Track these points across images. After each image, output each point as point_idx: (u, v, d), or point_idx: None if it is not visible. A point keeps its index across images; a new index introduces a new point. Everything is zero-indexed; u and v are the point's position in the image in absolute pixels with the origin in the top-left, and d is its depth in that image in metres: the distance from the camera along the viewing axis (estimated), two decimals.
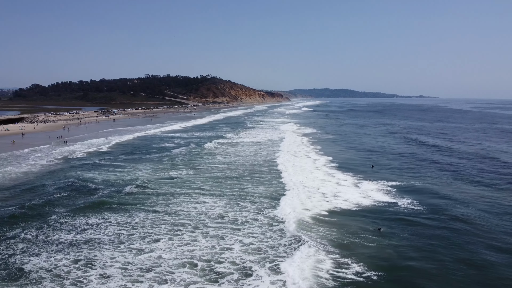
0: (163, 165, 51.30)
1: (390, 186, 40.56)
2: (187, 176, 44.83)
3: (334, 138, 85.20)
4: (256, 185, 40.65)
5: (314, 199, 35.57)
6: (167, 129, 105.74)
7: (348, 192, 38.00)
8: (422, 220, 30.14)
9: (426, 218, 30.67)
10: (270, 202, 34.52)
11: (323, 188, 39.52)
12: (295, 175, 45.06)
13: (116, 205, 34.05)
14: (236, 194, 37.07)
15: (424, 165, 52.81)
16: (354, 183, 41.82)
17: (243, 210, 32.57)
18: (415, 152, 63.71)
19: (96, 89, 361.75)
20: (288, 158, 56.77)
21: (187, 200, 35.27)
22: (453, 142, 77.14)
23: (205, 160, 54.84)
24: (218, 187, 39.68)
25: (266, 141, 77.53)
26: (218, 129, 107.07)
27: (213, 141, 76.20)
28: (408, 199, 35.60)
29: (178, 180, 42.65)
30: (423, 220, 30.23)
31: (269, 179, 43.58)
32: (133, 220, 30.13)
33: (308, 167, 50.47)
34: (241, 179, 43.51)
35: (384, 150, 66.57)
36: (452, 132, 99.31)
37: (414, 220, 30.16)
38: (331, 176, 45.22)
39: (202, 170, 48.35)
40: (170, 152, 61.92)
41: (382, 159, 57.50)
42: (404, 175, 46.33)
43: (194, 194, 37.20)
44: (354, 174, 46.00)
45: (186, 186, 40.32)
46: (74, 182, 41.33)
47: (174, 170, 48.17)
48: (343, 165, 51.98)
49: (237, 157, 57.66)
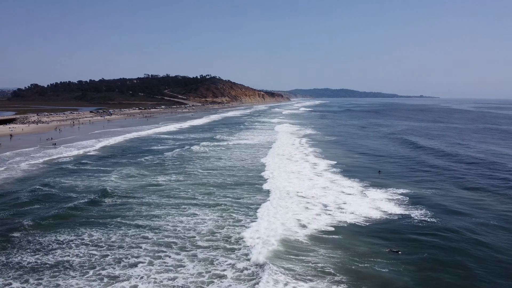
0: (152, 170, 47.56)
1: (400, 194, 36.74)
2: (177, 183, 41.09)
3: (334, 140, 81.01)
4: (253, 194, 36.92)
5: (312, 212, 31.52)
6: (162, 130, 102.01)
7: (354, 202, 34.08)
8: (441, 241, 26.03)
9: (444, 236, 26.75)
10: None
11: (324, 198, 35.44)
12: (292, 182, 41.38)
13: (93, 218, 30.34)
14: (229, 205, 33.32)
15: (433, 171, 48.77)
16: (361, 191, 37.93)
17: (236, 224, 28.84)
18: (420, 156, 59.82)
19: (95, 89, 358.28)
20: (285, 163, 53.00)
21: (174, 212, 31.52)
22: (458, 145, 73.19)
23: (197, 165, 51.07)
24: (210, 196, 35.93)
25: (265, 143, 73.75)
26: (214, 130, 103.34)
27: (208, 143, 72.59)
28: (421, 210, 31.90)
29: (166, 188, 38.89)
30: (441, 240, 26.21)
31: (265, 187, 39.78)
32: (110, 238, 26.38)
33: (307, 172, 46.58)
34: (236, 186, 39.76)
35: (388, 154, 62.73)
36: (457, 134, 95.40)
37: (431, 240, 26.07)
38: (333, 183, 41.33)
39: (194, 175, 44.63)
40: (161, 155, 58.16)
41: (387, 163, 53.77)
42: (413, 181, 42.71)
43: (183, 204, 33.47)
44: (360, 180, 42.18)
45: (174, 194, 36.56)
46: (51, 190, 37.62)
47: (163, 175, 44.45)
48: (347, 170, 48.19)
49: (232, 161, 53.92)
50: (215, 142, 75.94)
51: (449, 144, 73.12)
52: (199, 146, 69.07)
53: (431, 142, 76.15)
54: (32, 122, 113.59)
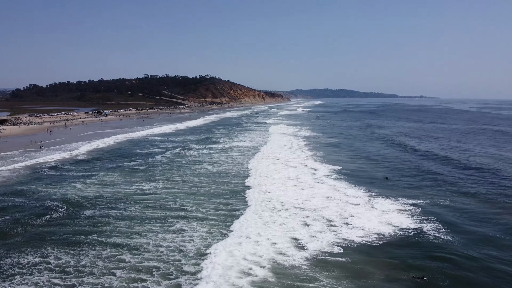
0: (138, 176, 43.82)
1: (411, 204, 33.05)
2: (164, 191, 37.32)
3: (333, 143, 76.43)
4: (245, 205, 33.09)
5: (312, 228, 27.53)
6: (156, 131, 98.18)
7: (362, 215, 30.25)
8: (463, 260, 22.60)
9: (464, 256, 23.18)
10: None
11: (326, 210, 31.44)
12: (288, 191, 37.56)
13: (66, 234, 26.65)
14: (220, 219, 29.51)
15: (440, 176, 44.70)
16: (368, 201, 34.11)
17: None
18: (424, 159, 55.89)
19: (94, 89, 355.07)
20: (280, 168, 49.21)
21: (158, 227, 27.79)
22: (463, 149, 69.34)
23: (188, 170, 47.23)
24: (200, 207, 32.15)
25: (262, 146, 69.88)
26: (211, 132, 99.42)
27: (203, 146, 68.89)
28: (435, 223, 28.42)
29: (152, 197, 35.12)
30: (463, 259, 22.75)
31: (264, 196, 35.98)
32: (80, 261, 22.69)
33: (307, 179, 42.57)
34: (229, 196, 35.97)
35: (388, 157, 58.82)
36: (460, 137, 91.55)
37: (456, 260, 22.59)
38: (337, 191, 37.41)
39: (183, 183, 40.79)
40: (150, 159, 54.41)
41: (390, 167, 49.89)
42: (421, 188, 39.20)
43: (169, 218, 29.77)
44: (367, 188, 38.31)
45: (160, 205, 32.81)
46: (23, 200, 34.05)
47: (150, 182, 40.71)
48: (350, 175, 44.35)
49: (226, 166, 50.07)
50: (210, 144, 72.19)
51: (453, 148, 69.02)
52: (192, 149, 65.36)
53: (434, 145, 72.27)
54: (23, 123, 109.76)
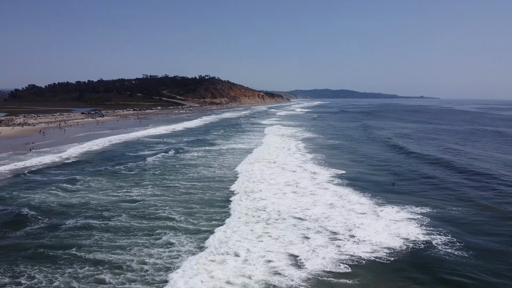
0: (128, 181, 41.20)
1: (419, 213, 30.53)
2: (154, 198, 34.70)
3: (332, 145, 73.39)
4: (247, 215, 30.55)
5: (314, 242, 24.73)
6: (152, 132, 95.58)
7: (369, 226, 27.63)
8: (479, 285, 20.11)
9: (479, 279, 20.70)
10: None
11: (328, 221, 28.63)
12: (286, 198, 34.96)
13: (43, 248, 24.15)
14: (213, 230, 26.88)
15: (448, 183, 41.81)
16: (374, 209, 31.50)
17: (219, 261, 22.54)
18: (430, 162, 53.14)
19: (93, 89, 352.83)
20: (278, 172, 46.67)
21: (145, 240, 25.31)
22: (468, 153, 66.81)
23: (181, 175, 44.51)
24: (191, 218, 29.55)
25: (260, 148, 67.35)
26: (208, 133, 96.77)
27: (199, 148, 66.37)
28: (447, 236, 25.87)
29: (140, 205, 32.53)
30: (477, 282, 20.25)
31: (263, 205, 33.43)
32: (53, 281, 20.43)
33: (307, 184, 39.78)
34: (225, 204, 33.33)
35: (391, 161, 56.14)
36: (464, 140, 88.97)
37: (470, 278, 20.13)
38: (340, 198, 34.71)
39: (174, 189, 38.07)
40: (143, 162, 51.78)
41: (395, 172, 47.27)
42: (428, 194, 36.71)
43: (157, 229, 27.25)
44: (372, 195, 35.66)
45: (148, 214, 30.23)
46: None
47: (139, 188, 38.10)
48: (354, 181, 41.59)
49: (222, 170, 47.39)
50: (206, 146, 69.64)
51: (458, 152, 66.18)
52: (187, 151, 62.83)
53: (439, 149, 69.58)
54: (17, 125, 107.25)
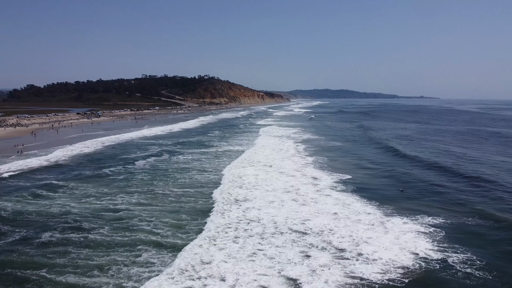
0: (114, 187, 38.82)
1: (432, 225, 27.79)
2: (140, 207, 32.22)
3: (330, 147, 70.77)
4: (238, 229, 28.32)
5: (318, 261, 21.98)
6: (147, 133, 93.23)
7: (377, 239, 24.95)
8: None
9: None
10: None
11: (332, 235, 25.84)
12: (284, 207, 32.53)
13: (10, 269, 21.76)
14: (191, 254, 23.92)
15: (461, 192, 39.85)
16: (383, 220, 28.73)
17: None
18: (437, 171, 51.07)
19: (92, 89, 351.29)
20: (276, 177, 44.57)
21: (124, 257, 22.78)
22: (476, 157, 64.68)
23: (172, 180, 42.00)
24: (179, 232, 26.85)
25: (258, 150, 65.22)
26: (205, 134, 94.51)
27: (194, 150, 64.16)
28: (464, 254, 23.11)
29: (125, 215, 30.17)
30: None
31: (259, 215, 31.24)
32: None
33: (308, 190, 37.30)
34: (216, 214, 31.02)
35: (395, 165, 54.07)
36: (467, 142, 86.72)
37: None
38: (345, 207, 31.90)
39: (163, 196, 35.50)
40: (132, 166, 49.46)
41: (400, 177, 45.06)
42: (443, 204, 33.76)
43: (140, 244, 24.70)
44: (380, 203, 32.99)
45: (132, 226, 27.78)
46: None
47: (125, 195, 35.65)
48: (359, 187, 38.56)
49: (216, 174, 44.89)
50: (202, 148, 67.46)
51: (467, 156, 64.26)
52: (181, 153, 60.60)
53: (446, 153, 67.49)
54: (9, 125, 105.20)
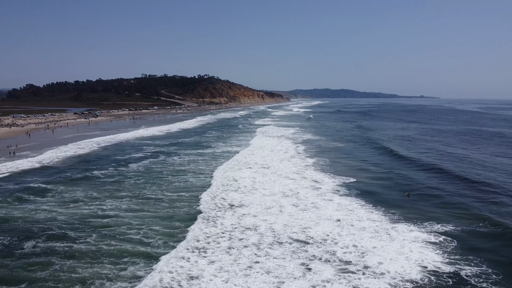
0: (104, 191, 36.94)
1: (441, 233, 25.92)
2: (130, 213, 30.24)
3: (336, 148, 68.97)
4: (232, 239, 26.52)
5: (321, 275, 20.11)
6: (144, 133, 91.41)
7: (384, 249, 23.18)
8: None
9: None
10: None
11: (335, 245, 23.78)
12: (283, 213, 30.66)
13: None
14: (178, 268, 22.12)
15: (472, 196, 38.19)
16: (388, 228, 26.81)
17: None
18: (445, 173, 49.25)
19: (91, 89, 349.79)
20: (273, 180, 42.80)
21: (108, 270, 21.05)
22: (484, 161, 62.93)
23: (166, 183, 40.06)
24: (171, 240, 25.03)
25: (256, 152, 63.46)
26: (203, 134, 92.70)
27: (190, 151, 62.38)
28: (479, 267, 21.34)
29: (113, 222, 28.23)
30: None
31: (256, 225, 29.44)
32: None
33: (308, 195, 35.31)
34: (206, 222, 29.22)
35: (398, 168, 52.26)
36: (481, 143, 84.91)
37: None
38: (348, 213, 29.97)
39: (156, 202, 33.47)
40: (125, 168, 47.65)
41: (404, 180, 43.25)
42: (452, 209, 31.74)
43: (126, 256, 22.74)
44: (386, 209, 31.14)
45: (119, 234, 25.85)
46: None
47: (116, 200, 33.75)
48: (361, 191, 36.73)
49: (212, 179, 42.85)
50: (199, 149, 65.67)
51: (476, 159, 62.57)
52: (177, 154, 58.87)
53: (454, 154, 65.79)
54: (5, 126, 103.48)
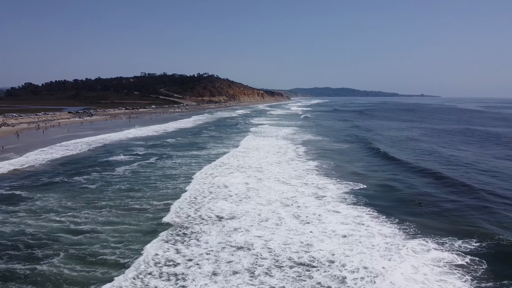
0: (82, 199, 33.41)
1: (467, 252, 22.33)
2: (108, 226, 26.75)
3: (342, 149, 65.36)
4: (218, 262, 23.18)
5: None
6: (138, 133, 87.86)
7: (398, 272, 19.97)
8: None
9: None
10: None
11: (342, 268, 20.52)
12: (284, 225, 27.26)
13: None
14: None
15: (495, 204, 35.20)
16: (401, 245, 23.12)
17: None
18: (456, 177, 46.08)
19: (90, 88, 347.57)
20: (274, 186, 39.53)
21: None
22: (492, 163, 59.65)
23: (153, 190, 36.37)
24: (150, 262, 21.92)
25: (254, 154, 60.15)
26: (199, 134, 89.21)
27: (184, 153, 58.99)
28: None
29: (86, 239, 24.61)
30: None
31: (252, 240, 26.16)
32: None
33: (311, 203, 31.73)
34: (188, 239, 25.92)
35: (403, 171, 48.90)
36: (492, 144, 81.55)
37: None
38: (357, 226, 26.48)
39: (138, 213, 29.81)
40: (111, 172, 44.20)
41: (414, 185, 39.91)
42: (472, 220, 28.12)
43: (93, 282, 19.39)
44: (398, 220, 27.54)
45: (89, 256, 22.24)
46: None
47: (92, 211, 30.20)
48: (367, 199, 33.12)
49: (206, 183, 39.68)
50: (193, 150, 62.29)
51: (492, 162, 59.40)
52: (170, 156, 55.49)
53: (459, 156, 62.47)
54: None
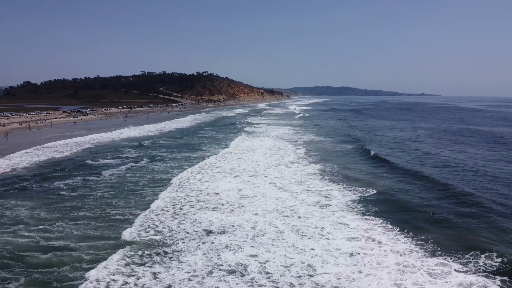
0: (58, 209, 29.91)
1: (495, 272, 19.50)
2: (82, 243, 23.39)
3: (344, 151, 62.50)
4: None
5: None
6: (131, 134, 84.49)
7: None
8: None
9: None
10: None
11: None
12: (280, 243, 24.06)
13: None
14: None
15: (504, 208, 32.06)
16: (419, 265, 20.10)
17: None
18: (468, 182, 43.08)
19: (89, 86, 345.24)
20: (276, 194, 36.37)
21: None
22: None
23: (139, 198, 32.94)
24: None
25: (251, 155, 56.98)
26: (196, 134, 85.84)
27: (177, 155, 55.80)
28: None
29: (54, 259, 21.16)
30: None
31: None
32: None
33: (316, 213, 28.63)
34: (170, 259, 22.77)
35: (408, 175, 45.81)
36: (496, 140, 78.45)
37: None
38: (368, 241, 23.39)
39: (119, 223, 26.65)
40: (95, 177, 40.64)
41: (422, 191, 36.84)
42: (493, 232, 25.16)
43: None
44: (412, 234, 24.55)
45: (55, 281, 18.93)
46: None
47: (67, 223, 26.72)
48: (376, 208, 29.85)
49: (199, 190, 36.37)
50: (188, 152, 59.02)
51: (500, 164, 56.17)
52: (162, 159, 52.20)
53: (467, 158, 59.31)
54: None
